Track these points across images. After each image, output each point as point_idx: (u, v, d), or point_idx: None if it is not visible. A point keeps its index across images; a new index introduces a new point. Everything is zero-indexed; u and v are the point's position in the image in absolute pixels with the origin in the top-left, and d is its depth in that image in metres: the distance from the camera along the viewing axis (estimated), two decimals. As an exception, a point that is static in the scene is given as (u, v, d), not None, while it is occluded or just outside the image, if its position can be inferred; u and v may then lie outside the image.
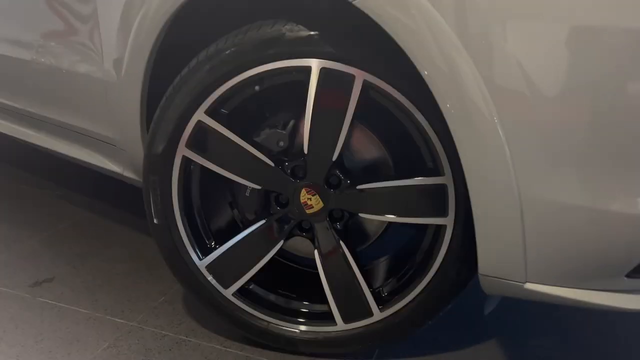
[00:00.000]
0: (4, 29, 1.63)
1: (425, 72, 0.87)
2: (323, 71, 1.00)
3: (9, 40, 1.63)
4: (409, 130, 1.04)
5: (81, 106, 1.48)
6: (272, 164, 1.10)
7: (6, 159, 2.33)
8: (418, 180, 1.04)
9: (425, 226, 1.11)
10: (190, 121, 1.09)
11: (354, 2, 0.87)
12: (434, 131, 0.98)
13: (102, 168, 1.53)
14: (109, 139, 1.43)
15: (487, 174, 0.89)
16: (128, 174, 1.46)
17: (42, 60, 1.53)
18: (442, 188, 1.02)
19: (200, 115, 1.09)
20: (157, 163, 1.14)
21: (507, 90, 0.84)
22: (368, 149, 1.13)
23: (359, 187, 1.08)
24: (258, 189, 1.14)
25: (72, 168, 1.68)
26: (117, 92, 1.30)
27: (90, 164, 1.57)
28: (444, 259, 1.05)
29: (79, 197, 2.00)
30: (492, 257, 0.92)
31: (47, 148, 1.68)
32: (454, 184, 1.00)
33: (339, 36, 0.99)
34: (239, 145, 1.10)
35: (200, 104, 1.08)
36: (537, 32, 0.81)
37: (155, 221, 1.18)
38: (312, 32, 1.00)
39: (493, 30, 0.82)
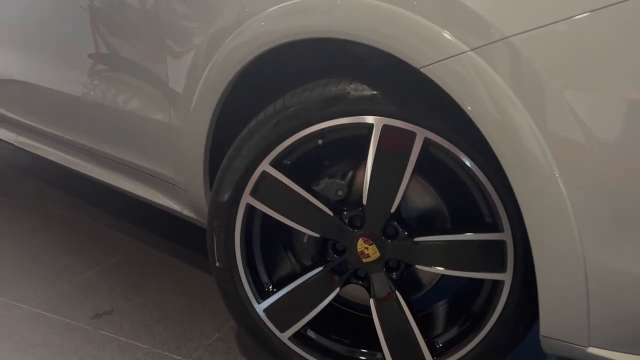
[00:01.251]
0: (70, 69, 1.74)
1: (488, 135, 0.90)
2: (385, 128, 1.04)
3: (75, 81, 1.73)
4: (467, 185, 1.06)
5: (144, 146, 1.55)
6: (330, 213, 1.14)
7: (63, 187, 2.44)
8: (476, 236, 1.06)
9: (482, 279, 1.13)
10: (256, 171, 1.15)
11: (421, 69, 0.91)
12: (494, 188, 1.01)
13: (160, 205, 1.60)
14: (171, 179, 1.50)
15: (549, 230, 0.89)
16: (187, 212, 1.52)
17: (107, 101, 1.62)
18: (501, 244, 1.03)
19: (265, 166, 1.14)
20: (222, 210, 1.19)
21: (564, 140, 0.85)
22: (425, 201, 1.16)
23: (416, 239, 1.10)
24: (316, 236, 1.18)
25: (125, 198, 1.75)
26: (183, 136, 1.37)
27: (149, 200, 1.64)
28: (501, 314, 1.06)
29: (132, 227, 2.07)
30: (554, 319, 0.92)
31: (106, 182, 1.76)
32: (513, 241, 1.02)
33: (400, 95, 1.03)
34: (300, 194, 1.14)
35: (266, 155, 1.13)
36: (595, 85, 0.83)
37: (217, 264, 1.23)
38: (375, 92, 1.04)
39: (549, 86, 0.85)
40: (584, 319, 0.89)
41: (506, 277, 1.04)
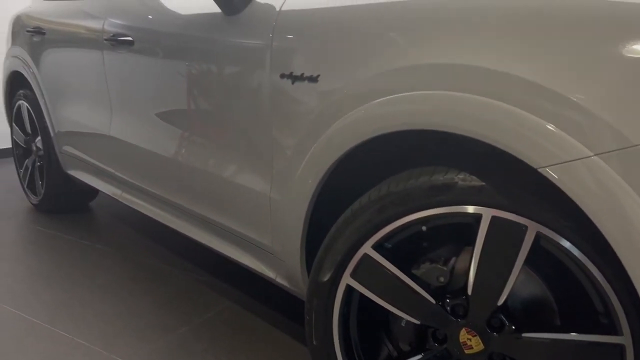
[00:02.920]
0: (173, 135, 1.85)
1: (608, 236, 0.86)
2: (494, 220, 1.02)
3: (177, 145, 1.84)
4: (580, 281, 1.01)
5: (242, 213, 1.61)
6: (432, 300, 1.12)
7: (158, 239, 2.57)
8: (590, 337, 1.00)
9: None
10: (357, 253, 1.16)
11: (538, 169, 0.90)
12: (612, 289, 0.95)
13: (253, 269, 1.64)
14: (267, 247, 1.54)
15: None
16: (281, 280, 1.55)
17: (208, 167, 1.70)
18: (619, 348, 0.97)
19: (367, 249, 1.15)
20: (322, 289, 1.20)
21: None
22: (533, 293, 1.11)
23: (524, 334, 1.06)
24: (415, 322, 1.16)
25: (217, 254, 1.80)
26: (282, 209, 1.41)
27: (242, 264, 1.68)
28: None
29: (223, 285, 2.13)
30: None
31: (201, 242, 1.83)
32: (634, 345, 0.95)
33: (510, 187, 1.01)
34: (400, 278, 1.14)
35: (368, 238, 1.14)
36: None
37: (314, 342, 1.24)
38: (483, 183, 1.03)
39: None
40: None
41: (625, 384, 0.97)
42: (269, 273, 1.58)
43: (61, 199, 2.91)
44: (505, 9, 0.98)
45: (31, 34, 2.71)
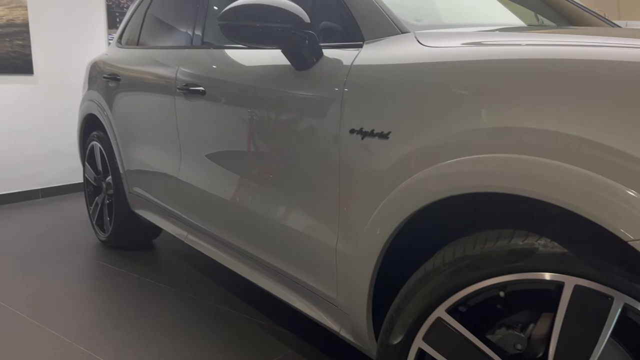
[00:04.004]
0: (236, 181, 1.89)
1: None
2: (577, 289, 0.98)
3: (241, 192, 1.88)
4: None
5: (307, 264, 1.61)
6: (510, 369, 1.08)
7: (218, 279, 2.60)
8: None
9: None
10: (430, 317, 1.13)
11: (629, 242, 0.86)
12: None
13: (317, 320, 1.63)
14: (331, 299, 1.53)
15: None
16: (345, 334, 1.53)
17: (274, 216, 1.72)
18: None
19: (440, 312, 1.12)
20: (392, 352, 1.18)
21: None
22: (619, 367, 1.05)
23: (611, 411, 0.99)
24: (491, 390, 1.11)
25: (276, 299, 1.80)
26: (349, 263, 1.40)
27: (305, 313, 1.67)
28: None
29: (283, 331, 2.13)
30: None
31: (265, 289, 1.84)
32: None
33: (595, 256, 0.97)
34: (476, 345, 1.10)
35: (442, 302, 1.12)
36: None
37: (382, 406, 1.21)
38: (566, 250, 0.99)
39: None
40: None
41: None
42: (333, 325, 1.57)
43: (127, 237, 3.02)
44: (581, 75, 0.97)
45: (107, 80, 2.87)
